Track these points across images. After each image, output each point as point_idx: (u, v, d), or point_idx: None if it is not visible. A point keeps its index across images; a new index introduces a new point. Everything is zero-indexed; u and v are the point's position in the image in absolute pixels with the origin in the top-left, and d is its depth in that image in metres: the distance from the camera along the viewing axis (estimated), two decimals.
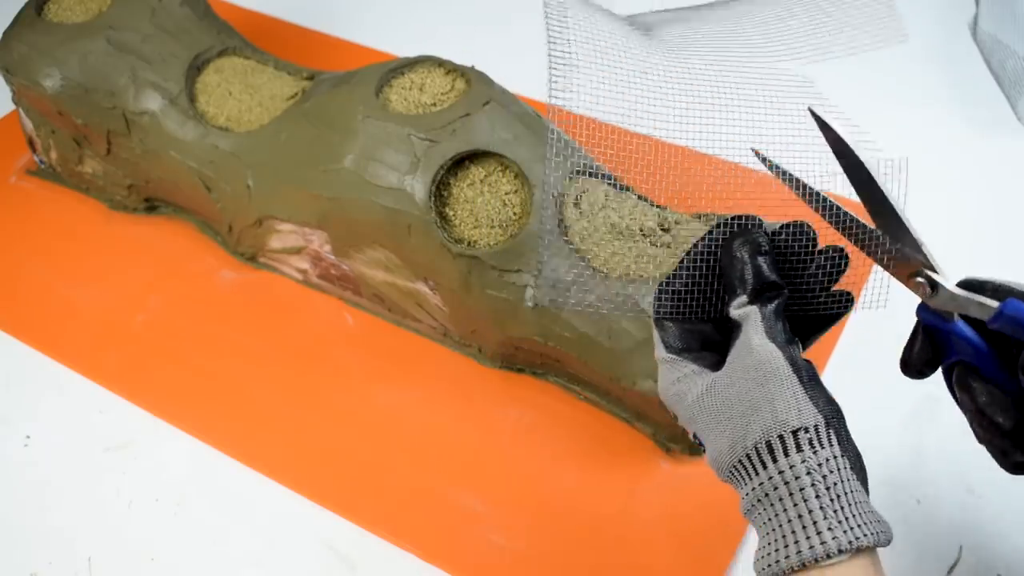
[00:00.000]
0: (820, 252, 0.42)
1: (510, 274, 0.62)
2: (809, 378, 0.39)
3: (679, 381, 0.42)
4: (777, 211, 0.47)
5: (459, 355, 0.69)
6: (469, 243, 0.63)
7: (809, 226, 0.42)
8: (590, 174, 0.65)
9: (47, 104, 0.76)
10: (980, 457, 0.62)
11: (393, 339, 0.71)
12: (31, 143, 0.83)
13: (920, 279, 0.41)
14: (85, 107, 0.74)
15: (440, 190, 0.63)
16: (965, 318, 0.40)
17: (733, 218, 0.43)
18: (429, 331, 0.70)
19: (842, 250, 0.42)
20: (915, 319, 0.43)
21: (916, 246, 0.41)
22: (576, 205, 0.63)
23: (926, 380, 0.66)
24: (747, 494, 0.39)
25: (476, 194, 0.63)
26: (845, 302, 0.42)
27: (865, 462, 0.39)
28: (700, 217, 0.63)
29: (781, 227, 0.42)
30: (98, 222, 0.80)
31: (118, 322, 0.72)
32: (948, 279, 0.40)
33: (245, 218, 0.73)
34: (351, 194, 0.65)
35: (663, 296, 0.43)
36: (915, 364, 0.43)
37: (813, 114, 0.42)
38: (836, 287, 0.42)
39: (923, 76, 0.93)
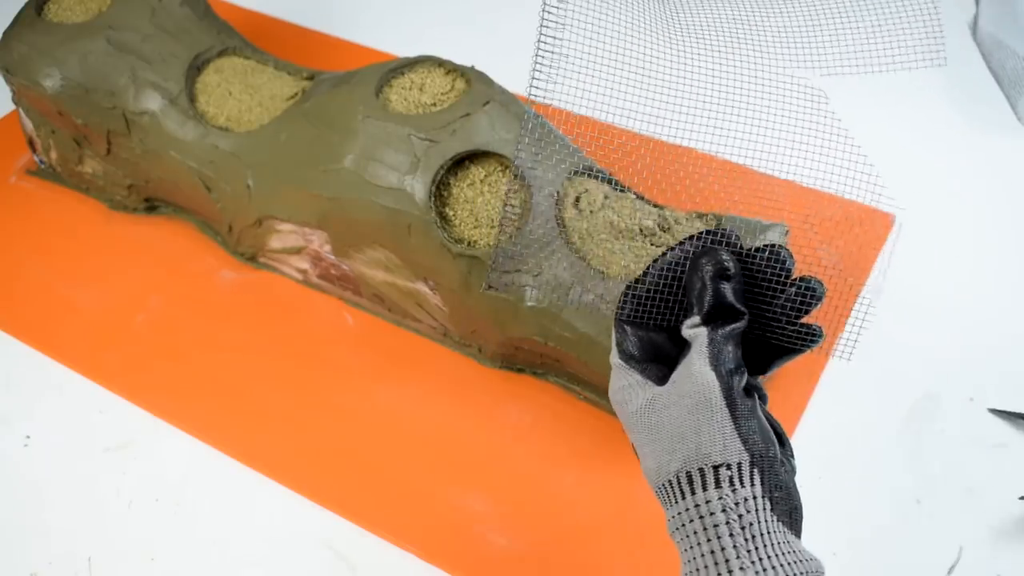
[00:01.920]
0: (793, 283, 0.40)
1: (510, 274, 0.62)
2: (744, 412, 0.38)
3: (624, 389, 0.42)
4: (774, 213, 0.47)
5: (459, 355, 0.69)
6: (469, 243, 0.63)
7: (786, 253, 0.40)
8: (589, 174, 0.65)
9: (47, 104, 0.76)
10: (980, 457, 0.62)
11: (393, 339, 0.71)
12: (31, 143, 0.83)
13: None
14: (85, 107, 0.74)
15: (440, 190, 0.63)
16: None
17: (708, 233, 0.41)
18: (429, 331, 0.70)
19: (817, 284, 0.40)
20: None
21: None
22: (576, 205, 0.63)
23: (926, 379, 0.67)
24: (671, 518, 0.39)
25: (476, 194, 0.63)
26: (811, 337, 0.40)
27: (867, 460, 0.39)
28: (701, 217, 0.63)
29: (756, 250, 0.41)
30: (98, 222, 0.80)
31: (118, 322, 0.72)
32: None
33: (245, 218, 0.73)
34: (351, 194, 0.65)
35: (625, 299, 0.42)
36: None
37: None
38: (807, 319, 0.41)
39: (923, 76, 0.93)
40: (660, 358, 0.42)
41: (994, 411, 0.64)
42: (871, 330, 0.65)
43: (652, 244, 0.61)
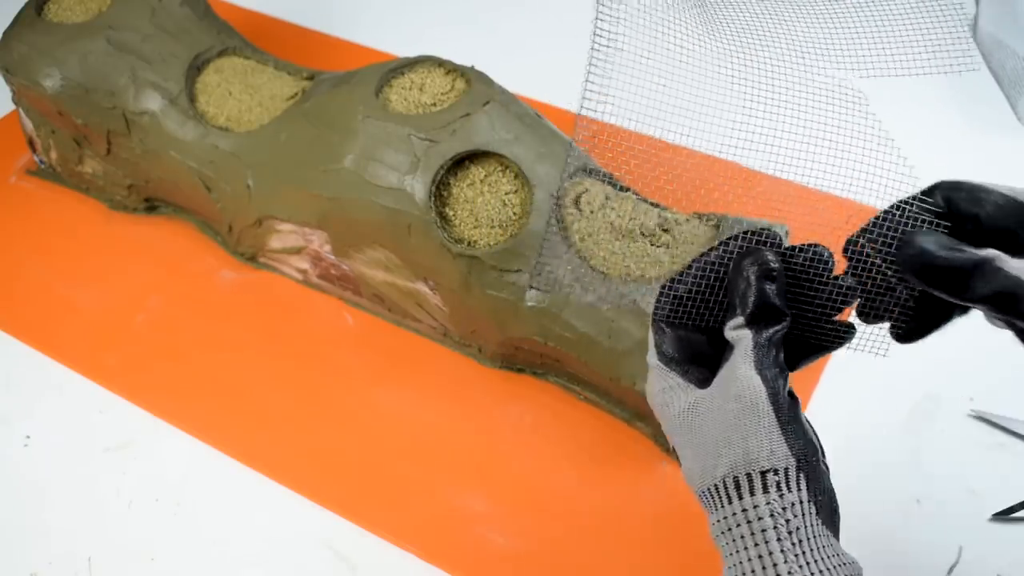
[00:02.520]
0: (830, 281, 0.40)
1: (510, 274, 0.62)
2: (789, 416, 0.38)
3: (665, 391, 0.41)
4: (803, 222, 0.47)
5: (459, 355, 0.69)
6: (469, 243, 0.63)
7: (829, 254, 0.40)
8: (590, 174, 0.65)
9: (47, 104, 0.76)
10: (980, 457, 0.62)
11: (393, 339, 0.71)
12: (31, 143, 0.83)
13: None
14: (85, 107, 0.74)
15: (440, 190, 0.63)
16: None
17: (752, 232, 0.41)
18: (429, 331, 0.70)
19: (853, 281, 0.40)
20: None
21: None
22: (576, 205, 0.63)
23: (926, 380, 0.66)
24: (715, 522, 0.39)
25: (476, 194, 0.63)
26: (845, 335, 0.41)
27: (867, 460, 0.39)
28: (700, 217, 0.63)
29: (799, 249, 0.40)
30: (98, 222, 0.80)
31: (118, 322, 0.72)
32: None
33: (245, 218, 0.73)
34: (351, 194, 0.65)
35: (663, 299, 0.42)
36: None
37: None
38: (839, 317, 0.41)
39: (923, 76, 0.92)
40: (699, 359, 0.42)
41: (979, 417, 0.64)
42: (871, 331, 0.66)
43: (652, 244, 0.61)
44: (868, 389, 0.66)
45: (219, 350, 0.70)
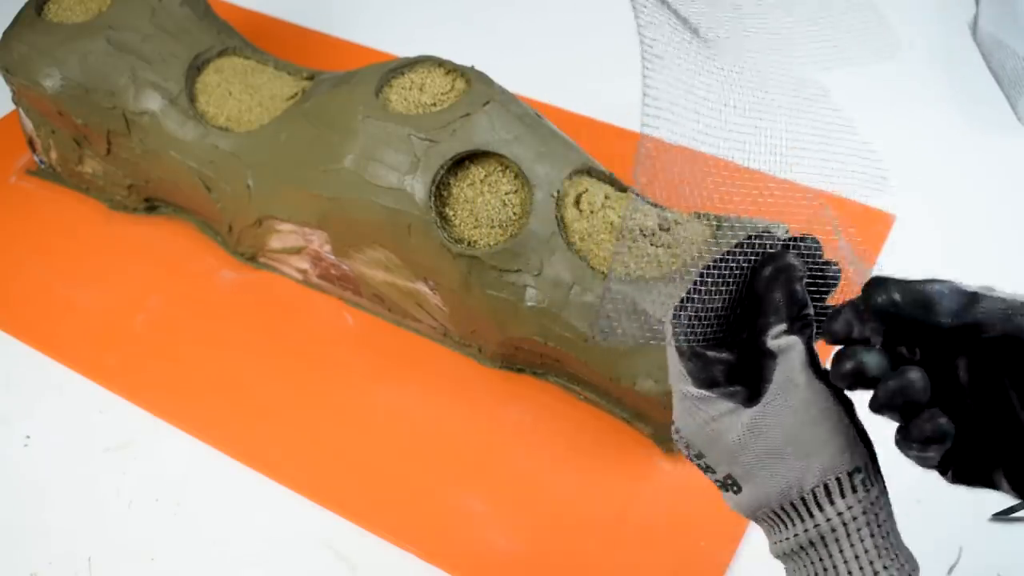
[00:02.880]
0: (824, 265, 0.40)
1: (510, 274, 0.62)
2: (852, 411, 0.38)
3: (710, 422, 0.38)
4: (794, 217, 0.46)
5: (459, 355, 0.69)
6: (469, 243, 0.63)
7: (817, 242, 0.40)
8: (590, 174, 0.65)
9: (47, 104, 0.76)
10: None
11: (393, 339, 0.71)
12: (31, 143, 0.83)
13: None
14: (85, 107, 0.74)
15: (440, 190, 0.63)
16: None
17: (756, 238, 0.40)
18: (429, 331, 0.70)
19: (835, 266, 0.40)
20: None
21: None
22: (576, 205, 0.63)
23: None
24: (789, 538, 0.37)
25: (476, 194, 0.63)
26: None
27: None
28: (700, 217, 0.63)
29: (792, 242, 0.40)
30: (98, 222, 0.80)
31: (118, 322, 0.72)
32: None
33: (245, 218, 0.73)
34: (351, 194, 0.65)
35: (682, 321, 0.39)
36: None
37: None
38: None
39: (923, 76, 0.93)
40: (731, 378, 0.40)
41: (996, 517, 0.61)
42: None
43: (652, 244, 0.61)
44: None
45: (219, 350, 0.70)
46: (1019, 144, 0.85)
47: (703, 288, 0.39)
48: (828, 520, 0.37)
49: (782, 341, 0.38)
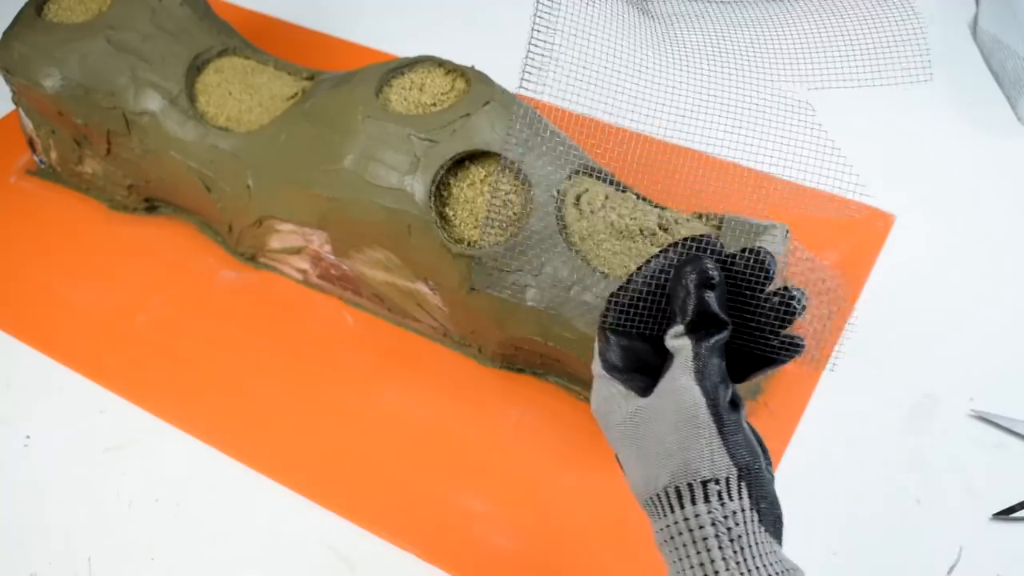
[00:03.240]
0: (776, 292, 0.40)
1: (510, 274, 0.62)
2: (731, 425, 0.38)
3: (606, 400, 0.41)
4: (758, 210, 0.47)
5: (459, 355, 0.69)
6: (469, 243, 0.63)
7: (768, 256, 0.39)
8: (590, 174, 0.65)
9: (47, 104, 0.76)
10: (980, 457, 0.62)
11: (393, 339, 0.71)
12: (31, 143, 0.83)
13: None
14: (85, 107, 0.74)
15: (440, 190, 0.63)
16: None
17: (691, 240, 0.41)
18: (429, 331, 0.70)
19: (799, 295, 0.39)
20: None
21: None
22: (576, 205, 0.63)
23: (926, 379, 0.66)
24: (658, 530, 0.39)
25: (476, 194, 0.63)
26: (793, 349, 0.39)
27: (867, 460, 0.39)
28: (700, 217, 0.63)
29: (738, 254, 0.40)
30: (98, 222, 0.80)
31: (118, 322, 0.72)
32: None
33: (245, 218, 0.73)
34: (351, 194, 0.65)
35: (610, 307, 0.41)
36: None
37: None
38: (791, 330, 0.40)
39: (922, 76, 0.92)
40: (643, 368, 0.42)
41: (979, 416, 0.64)
42: (871, 331, 0.66)
43: (653, 244, 0.61)
44: (868, 389, 0.66)
45: (219, 350, 0.70)
46: (1019, 144, 0.85)
47: (637, 279, 0.41)
48: (676, 523, 0.38)
49: (676, 342, 0.39)
